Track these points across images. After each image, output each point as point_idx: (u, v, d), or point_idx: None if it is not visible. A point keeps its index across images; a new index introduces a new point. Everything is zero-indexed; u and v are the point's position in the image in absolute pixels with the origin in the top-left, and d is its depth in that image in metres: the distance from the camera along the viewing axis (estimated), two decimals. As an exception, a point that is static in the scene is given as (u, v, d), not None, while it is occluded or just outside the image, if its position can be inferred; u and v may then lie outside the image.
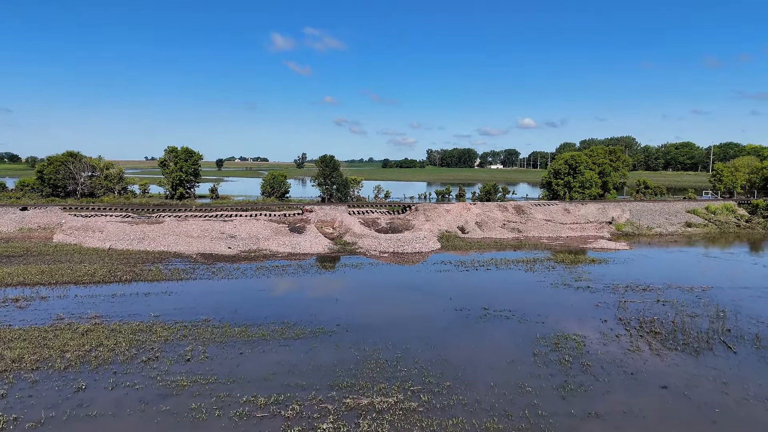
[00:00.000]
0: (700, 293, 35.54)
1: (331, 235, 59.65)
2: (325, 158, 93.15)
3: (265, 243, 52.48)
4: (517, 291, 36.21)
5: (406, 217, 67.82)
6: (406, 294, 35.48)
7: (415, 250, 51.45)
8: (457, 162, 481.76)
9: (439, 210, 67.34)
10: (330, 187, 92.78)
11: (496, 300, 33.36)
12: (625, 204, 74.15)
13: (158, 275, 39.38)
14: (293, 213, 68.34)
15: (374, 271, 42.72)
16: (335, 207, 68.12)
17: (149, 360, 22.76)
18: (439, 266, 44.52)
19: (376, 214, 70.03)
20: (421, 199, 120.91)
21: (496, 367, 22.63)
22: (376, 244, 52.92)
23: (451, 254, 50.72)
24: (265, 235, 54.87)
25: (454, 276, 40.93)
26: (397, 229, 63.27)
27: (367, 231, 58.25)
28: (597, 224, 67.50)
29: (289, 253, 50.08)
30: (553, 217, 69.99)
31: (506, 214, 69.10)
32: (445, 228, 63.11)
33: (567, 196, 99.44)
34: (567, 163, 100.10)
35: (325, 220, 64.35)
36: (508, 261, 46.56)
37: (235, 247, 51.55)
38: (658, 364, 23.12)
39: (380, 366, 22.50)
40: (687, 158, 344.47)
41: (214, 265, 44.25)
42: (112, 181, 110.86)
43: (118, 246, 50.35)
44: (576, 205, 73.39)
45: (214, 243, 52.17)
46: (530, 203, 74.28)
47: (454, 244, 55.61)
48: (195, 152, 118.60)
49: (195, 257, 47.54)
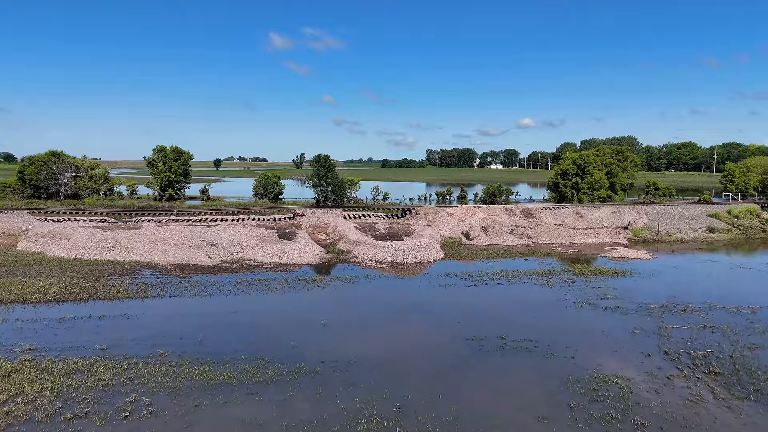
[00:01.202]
0: (750, 316, 30.44)
1: (324, 242, 54.53)
2: (320, 158, 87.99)
3: (250, 252, 47.32)
4: (536, 312, 31.07)
5: (406, 222, 62.72)
6: (406, 317, 30.34)
7: (416, 260, 46.32)
8: (456, 162, 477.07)
9: (442, 214, 62.24)
10: (325, 188, 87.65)
11: (513, 325, 28.24)
12: (641, 207, 69.10)
13: (121, 292, 34.20)
14: (284, 217, 63.22)
15: (370, 287, 37.58)
16: (329, 211, 62.98)
17: (75, 418, 17.62)
18: (443, 279, 39.41)
19: (373, 218, 64.91)
20: (421, 201, 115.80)
21: (524, 428, 17.50)
22: (373, 252, 47.79)
23: (456, 264, 45.64)
24: (250, 243, 49.69)
25: (462, 292, 35.81)
26: (396, 235, 58.20)
27: (364, 238, 53.11)
28: (612, 229, 62.41)
29: (276, 263, 44.92)
30: (564, 221, 64.90)
31: (514, 219, 64.01)
32: (449, 234, 58.01)
33: (575, 198, 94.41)
34: (575, 163, 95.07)
35: (317, 225, 59.21)
36: (520, 273, 41.45)
37: (216, 256, 46.39)
38: (730, 421, 18.02)
39: (374, 428, 17.37)
40: (690, 158, 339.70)
41: (190, 278, 39.10)
42: (97, 182, 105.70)
43: (85, 255, 45.16)
44: (588, 209, 68.29)
45: (192, 252, 47.00)
46: (539, 206, 69.19)
47: (459, 252, 50.50)
48: (185, 152, 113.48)
49: (170, 268, 42.37)
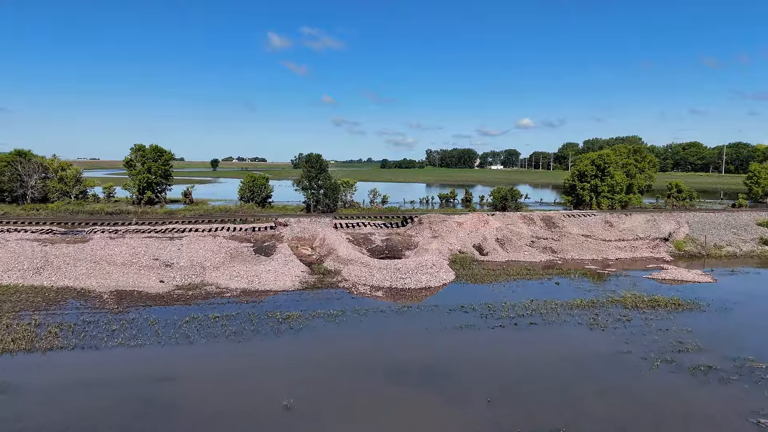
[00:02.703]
0: None
1: (309, 258, 45.20)
2: (311, 158, 78.64)
3: (213, 274, 37.99)
4: (596, 378, 21.77)
5: (408, 232, 53.41)
6: (409, 390, 20.94)
7: (420, 285, 37.01)
8: (457, 162, 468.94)
9: (449, 223, 52.91)
10: (317, 192, 78.35)
11: (570, 406, 18.95)
12: (678, 215, 59.82)
13: (19, 341, 24.85)
14: (264, 227, 53.87)
15: (360, 330, 28.24)
16: (316, 219, 53.59)
17: None
18: (457, 315, 30.10)
19: (369, 227, 55.59)
20: (422, 204, 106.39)
21: None
22: (367, 274, 38.48)
23: (471, 289, 36.41)
24: (216, 262, 40.33)
25: (484, 338, 26.51)
26: (396, 249, 48.90)
27: (356, 253, 43.78)
28: (649, 242, 53.14)
29: (243, 290, 35.58)
30: (591, 231, 55.61)
31: (533, 228, 54.71)
32: (458, 247, 48.73)
33: (593, 201, 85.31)
34: (594, 164, 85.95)
35: (302, 237, 49.86)
36: (556, 305, 32.14)
37: (170, 280, 37.04)
38: None
39: None
40: (698, 159, 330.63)
41: (126, 313, 29.78)
42: (67, 184, 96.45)
43: (2, 280, 35.80)
44: (619, 217, 58.96)
45: (141, 274, 37.65)
46: (561, 214, 59.91)
47: (473, 273, 41.20)
48: (166, 151, 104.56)
49: (105, 298, 33.04)
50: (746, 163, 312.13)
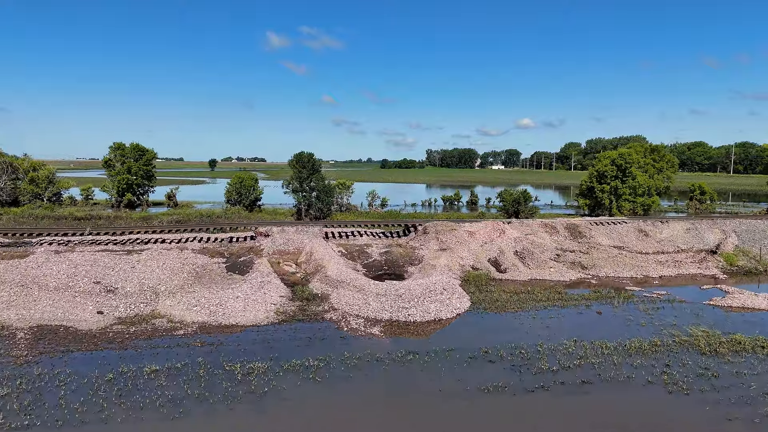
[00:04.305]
0: None
1: (292, 277, 37.42)
2: (302, 157, 70.88)
3: (168, 302, 30.19)
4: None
5: (411, 244, 45.64)
6: None
7: (428, 317, 29.19)
8: (457, 162, 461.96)
9: (459, 233, 45.13)
10: (308, 195, 70.60)
11: None
12: (722, 222, 52.02)
13: None
14: (244, 237, 46.12)
15: (347, 396, 20.41)
16: (304, 228, 45.74)
17: None
18: (479, 368, 22.34)
19: (365, 237, 47.80)
20: (425, 207, 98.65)
21: None
22: (362, 302, 30.68)
23: (491, 321, 28.66)
24: (173, 285, 32.51)
25: (522, 412, 18.74)
26: (398, 264, 41.18)
27: (349, 272, 35.96)
28: (694, 255, 45.38)
29: (202, 324, 27.77)
30: (624, 242, 47.84)
31: (557, 239, 46.93)
32: (471, 262, 40.98)
33: (613, 205, 77.59)
34: (614, 164, 78.26)
35: (285, 250, 42.05)
36: (608, 350, 24.36)
37: (112, 310, 29.26)
38: None
39: None
40: (704, 158, 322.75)
41: (35, 363, 22.03)
42: (39, 186, 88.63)
43: None
44: (655, 225, 51.10)
45: (76, 303, 29.85)
46: (587, 221, 52.14)
47: (492, 297, 33.40)
48: (148, 149, 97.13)
49: (20, 337, 25.27)
50: (755, 164, 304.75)
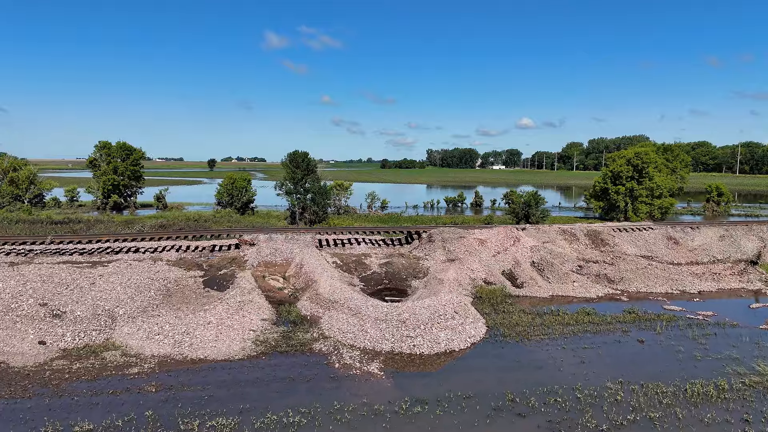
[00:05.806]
0: None
1: (279, 293, 32.51)
2: (296, 156, 66.13)
3: (126, 329, 25.28)
4: None
5: (414, 253, 40.76)
6: None
7: (437, 348, 24.24)
8: (458, 162, 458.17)
9: (469, 241, 40.23)
10: (303, 197, 65.84)
11: None
12: (758, 228, 47.10)
13: None
14: (228, 245, 41.25)
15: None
16: (294, 236, 40.83)
17: None
18: (507, 423, 17.44)
19: (364, 245, 42.91)
20: (427, 209, 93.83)
21: None
22: (358, 328, 25.75)
23: (513, 354, 23.71)
24: (135, 306, 27.59)
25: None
26: (399, 278, 36.30)
27: (345, 288, 31.03)
28: (732, 265, 40.49)
29: (164, 358, 22.84)
30: (652, 251, 42.93)
31: (577, 247, 42.02)
32: (482, 275, 36.08)
33: (629, 208, 72.83)
34: (630, 163, 73.47)
35: (272, 261, 37.13)
36: (664, 395, 19.49)
37: (57, 340, 24.35)
38: None
39: None
40: (710, 159, 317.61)
41: (-62, 420, 17.14)
42: (19, 187, 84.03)
43: None
44: (685, 232, 46.14)
45: (15, 330, 24.93)
46: (609, 227, 47.23)
47: (510, 321, 28.48)
48: (135, 149, 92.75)
49: (-66, 379, 20.38)
50: (761, 164, 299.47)
